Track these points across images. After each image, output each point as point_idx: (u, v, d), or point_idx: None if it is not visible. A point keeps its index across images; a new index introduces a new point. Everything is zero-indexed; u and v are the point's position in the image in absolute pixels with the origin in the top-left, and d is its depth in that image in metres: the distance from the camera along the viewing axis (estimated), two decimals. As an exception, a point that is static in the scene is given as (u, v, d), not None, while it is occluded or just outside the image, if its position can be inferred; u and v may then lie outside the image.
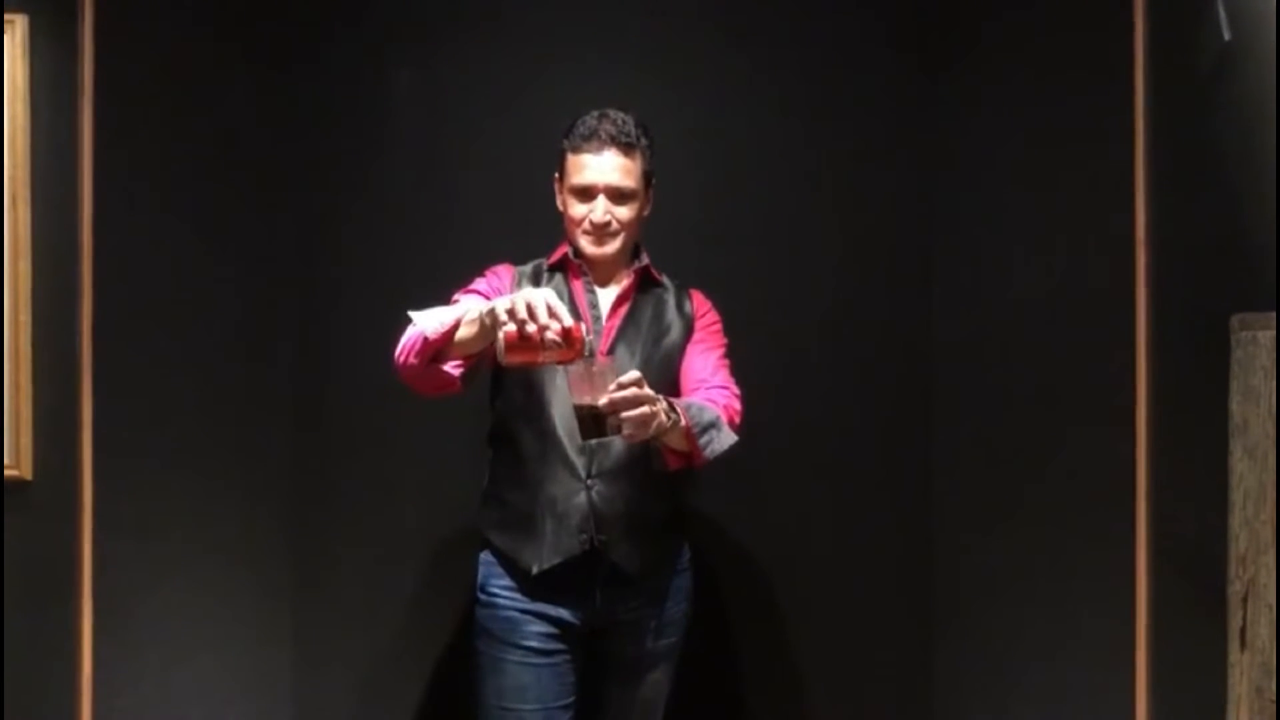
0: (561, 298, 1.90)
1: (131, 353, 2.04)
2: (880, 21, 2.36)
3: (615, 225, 1.88)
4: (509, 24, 2.32)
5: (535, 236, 2.25)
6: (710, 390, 1.91)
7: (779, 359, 2.11)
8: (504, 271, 1.98)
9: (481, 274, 1.97)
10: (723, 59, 2.33)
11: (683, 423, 1.74)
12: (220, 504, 2.18)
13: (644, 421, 1.64)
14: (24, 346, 1.93)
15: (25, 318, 1.93)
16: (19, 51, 1.92)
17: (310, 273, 2.30)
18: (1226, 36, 1.79)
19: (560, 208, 1.96)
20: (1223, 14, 1.78)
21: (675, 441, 1.77)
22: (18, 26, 1.91)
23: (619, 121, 1.87)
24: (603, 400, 1.61)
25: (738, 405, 1.92)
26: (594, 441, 1.70)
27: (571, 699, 1.92)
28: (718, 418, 1.82)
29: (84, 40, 1.96)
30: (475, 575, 1.94)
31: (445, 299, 2.14)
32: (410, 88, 2.31)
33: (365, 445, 2.31)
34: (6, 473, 1.93)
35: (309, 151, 2.30)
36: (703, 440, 1.77)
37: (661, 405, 1.69)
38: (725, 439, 1.81)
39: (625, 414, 1.62)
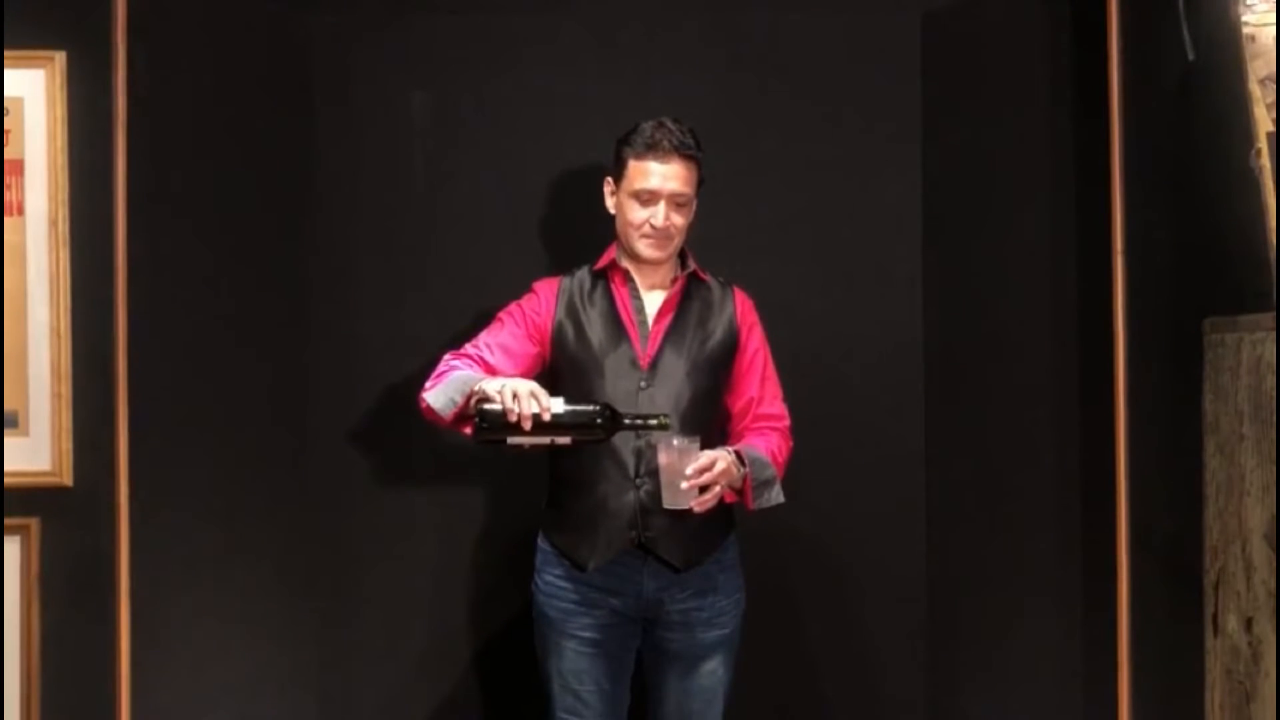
0: (607, 304, 2.04)
1: (164, 366, 2.12)
2: (877, 36, 2.42)
3: (673, 230, 2.00)
4: (521, 46, 2.41)
5: (552, 250, 2.38)
6: (764, 425, 2.07)
7: (777, 362, 2.18)
8: (545, 290, 2.09)
9: (530, 289, 2.10)
10: (723, 77, 2.41)
11: (747, 481, 1.95)
12: (249, 508, 2.25)
13: (715, 497, 1.90)
14: (65, 361, 2.04)
15: (65, 333, 2.04)
16: (58, 85, 2.03)
17: (336, 286, 2.39)
18: (1191, 57, 1.89)
19: (613, 210, 2.05)
20: (1187, 37, 1.88)
21: (734, 484, 1.95)
22: (57, 62, 2.04)
23: (680, 131, 1.99)
24: (689, 471, 1.85)
25: (789, 443, 2.09)
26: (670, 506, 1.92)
27: (629, 680, 2.08)
28: (774, 476, 2.00)
29: (117, 74, 2.05)
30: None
31: (470, 311, 2.26)
32: (425, 111, 2.40)
33: (388, 449, 2.39)
34: (49, 480, 2.04)
35: (334, 174, 2.39)
36: (757, 497, 1.97)
37: (731, 460, 1.91)
38: (775, 497, 2.00)
39: (704, 497, 1.87)
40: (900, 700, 2.42)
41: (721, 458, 1.88)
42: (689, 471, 1.85)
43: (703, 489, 1.87)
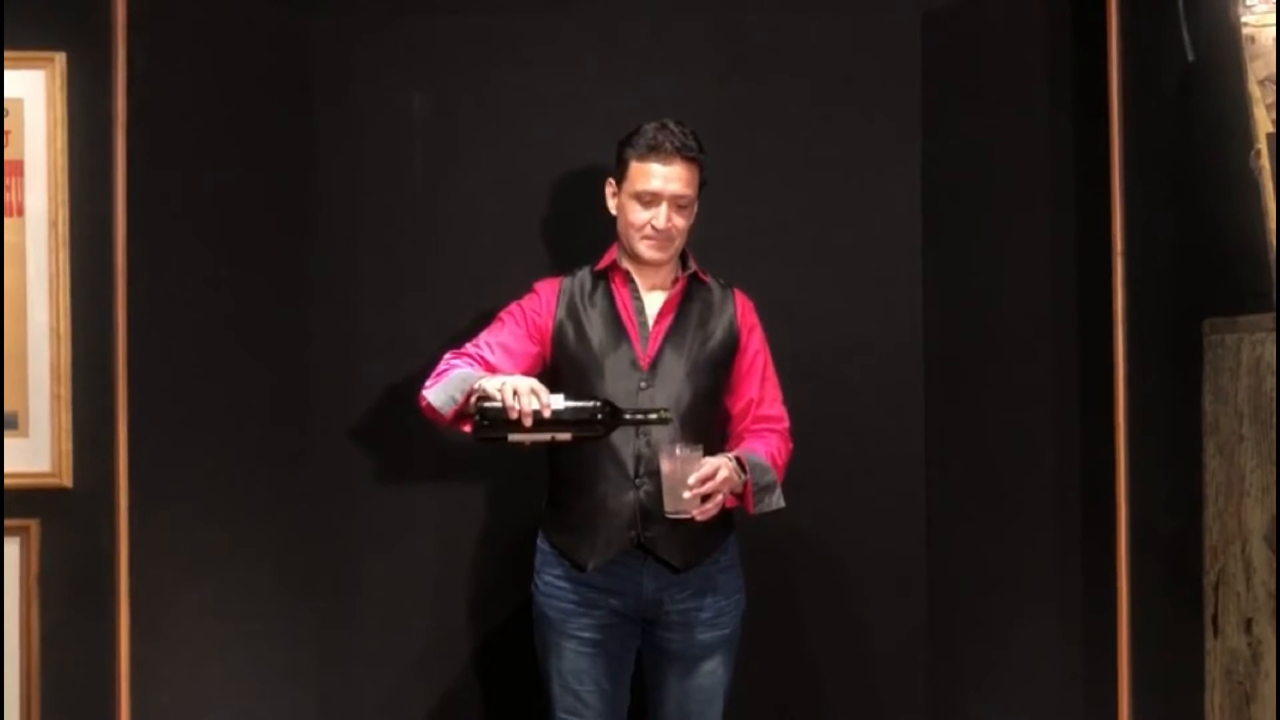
0: (607, 304, 2.05)
1: (164, 366, 2.12)
2: (877, 36, 2.42)
3: (675, 232, 2.00)
4: (521, 46, 2.41)
5: (553, 250, 2.38)
6: (763, 427, 2.08)
7: (777, 363, 2.19)
8: (546, 290, 2.09)
9: (531, 289, 2.10)
10: (723, 77, 2.40)
11: (748, 487, 1.95)
12: (249, 507, 2.25)
13: (717, 505, 1.90)
14: (65, 361, 2.03)
15: (65, 333, 2.04)
16: (58, 85, 2.03)
17: (336, 286, 2.39)
18: (1191, 57, 1.89)
19: (614, 211, 2.06)
20: (1187, 37, 1.88)
21: (735, 489, 1.95)
22: (57, 63, 2.03)
23: (682, 133, 1.99)
24: (691, 480, 1.85)
25: (789, 445, 2.09)
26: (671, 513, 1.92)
27: (628, 680, 2.08)
28: (774, 481, 2.00)
29: (117, 74, 2.05)
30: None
31: (470, 311, 2.27)
32: (425, 111, 2.40)
33: (389, 449, 2.39)
34: (49, 481, 2.04)
35: (334, 174, 2.39)
36: (758, 502, 1.97)
37: (732, 467, 1.91)
38: (776, 502, 2.00)
39: (706, 505, 1.87)
40: (900, 700, 2.43)
41: (724, 466, 1.89)
42: (691, 480, 1.85)
43: (705, 497, 1.87)
